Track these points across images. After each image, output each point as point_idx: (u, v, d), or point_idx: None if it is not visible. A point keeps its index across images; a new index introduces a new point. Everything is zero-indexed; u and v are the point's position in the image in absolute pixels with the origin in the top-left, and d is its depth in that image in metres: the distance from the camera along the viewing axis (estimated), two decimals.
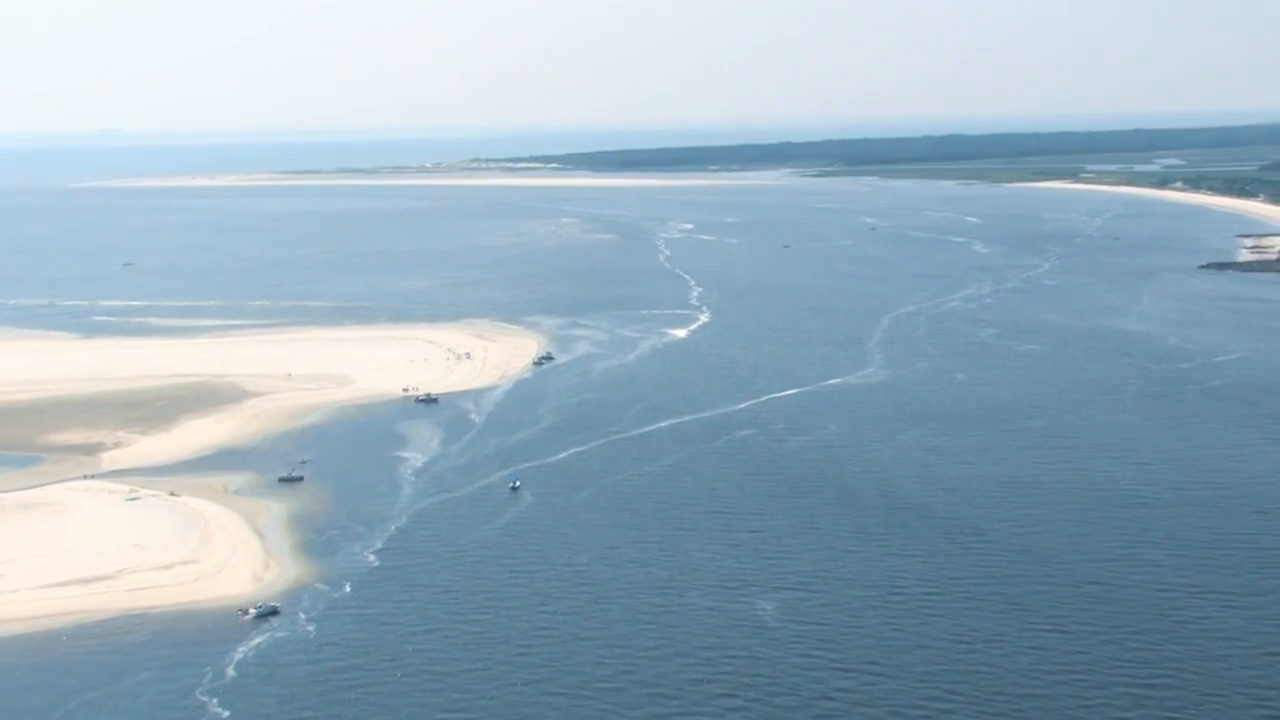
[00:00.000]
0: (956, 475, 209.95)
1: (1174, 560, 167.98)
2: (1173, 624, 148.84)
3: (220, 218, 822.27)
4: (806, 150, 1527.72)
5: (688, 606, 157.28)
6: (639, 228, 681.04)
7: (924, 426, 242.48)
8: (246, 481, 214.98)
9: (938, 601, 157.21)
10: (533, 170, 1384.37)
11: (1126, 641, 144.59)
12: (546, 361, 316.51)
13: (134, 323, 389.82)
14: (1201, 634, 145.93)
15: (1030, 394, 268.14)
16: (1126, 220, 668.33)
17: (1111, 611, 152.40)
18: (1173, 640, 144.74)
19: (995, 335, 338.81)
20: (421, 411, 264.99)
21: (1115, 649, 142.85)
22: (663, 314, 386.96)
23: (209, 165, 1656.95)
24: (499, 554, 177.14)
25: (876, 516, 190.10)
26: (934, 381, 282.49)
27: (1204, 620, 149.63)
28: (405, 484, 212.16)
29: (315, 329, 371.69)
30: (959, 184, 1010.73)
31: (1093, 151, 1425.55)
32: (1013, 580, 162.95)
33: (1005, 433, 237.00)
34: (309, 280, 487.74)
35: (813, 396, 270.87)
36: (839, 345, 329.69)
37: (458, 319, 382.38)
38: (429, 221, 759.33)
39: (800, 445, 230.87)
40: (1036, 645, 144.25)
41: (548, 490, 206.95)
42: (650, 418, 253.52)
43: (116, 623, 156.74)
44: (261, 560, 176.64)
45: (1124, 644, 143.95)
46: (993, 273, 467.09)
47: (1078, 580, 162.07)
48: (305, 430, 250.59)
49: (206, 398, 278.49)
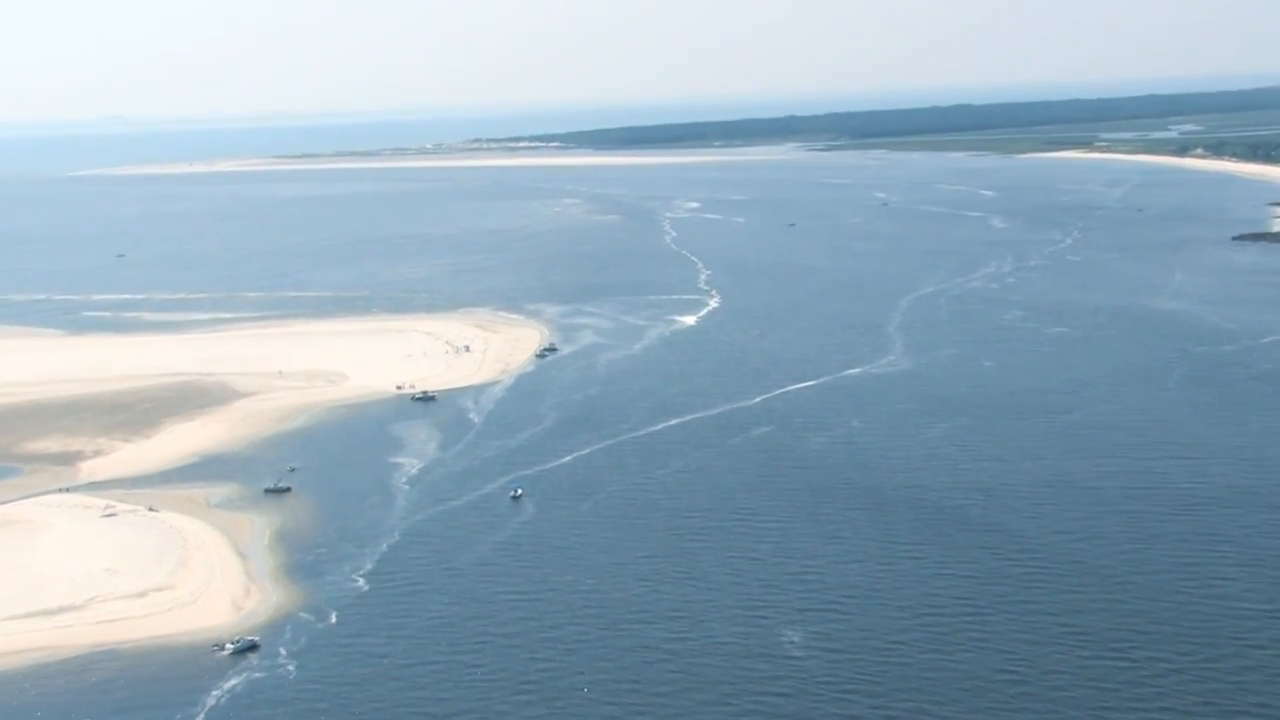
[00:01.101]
0: (993, 476, 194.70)
1: (1245, 574, 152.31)
2: (1249, 649, 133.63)
3: (217, 205, 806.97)
4: (812, 124, 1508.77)
5: (705, 638, 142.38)
6: (643, 207, 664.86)
7: (953, 420, 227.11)
8: (230, 494, 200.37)
9: (983, 626, 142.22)
10: (535, 150, 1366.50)
11: (1197, 670, 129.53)
12: (549, 353, 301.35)
13: (124, 318, 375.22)
14: None
15: (1065, 382, 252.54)
16: (1148, 190, 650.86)
17: (1180, 636, 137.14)
18: (1252, 668, 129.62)
19: (1021, 317, 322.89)
20: (418, 411, 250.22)
21: (1187, 680, 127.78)
22: (670, 299, 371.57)
23: (208, 151, 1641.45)
24: (498, 576, 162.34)
25: (908, 525, 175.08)
26: (960, 369, 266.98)
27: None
28: (399, 494, 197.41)
29: (309, 322, 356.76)
30: (970, 155, 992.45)
31: (1106, 119, 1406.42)
32: (1066, 600, 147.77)
33: (1041, 426, 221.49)
34: (305, 269, 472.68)
35: (832, 388, 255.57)
36: (857, 331, 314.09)
37: (457, 308, 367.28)
38: (429, 205, 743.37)
39: (821, 444, 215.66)
40: (1097, 678, 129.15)
41: (551, 499, 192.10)
42: (659, 415, 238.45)
43: (81, 660, 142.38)
44: (242, 586, 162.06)
45: (1196, 674, 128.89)
46: (1013, 249, 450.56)
47: (1139, 599, 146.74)
48: (295, 434, 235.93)
49: (193, 399, 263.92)
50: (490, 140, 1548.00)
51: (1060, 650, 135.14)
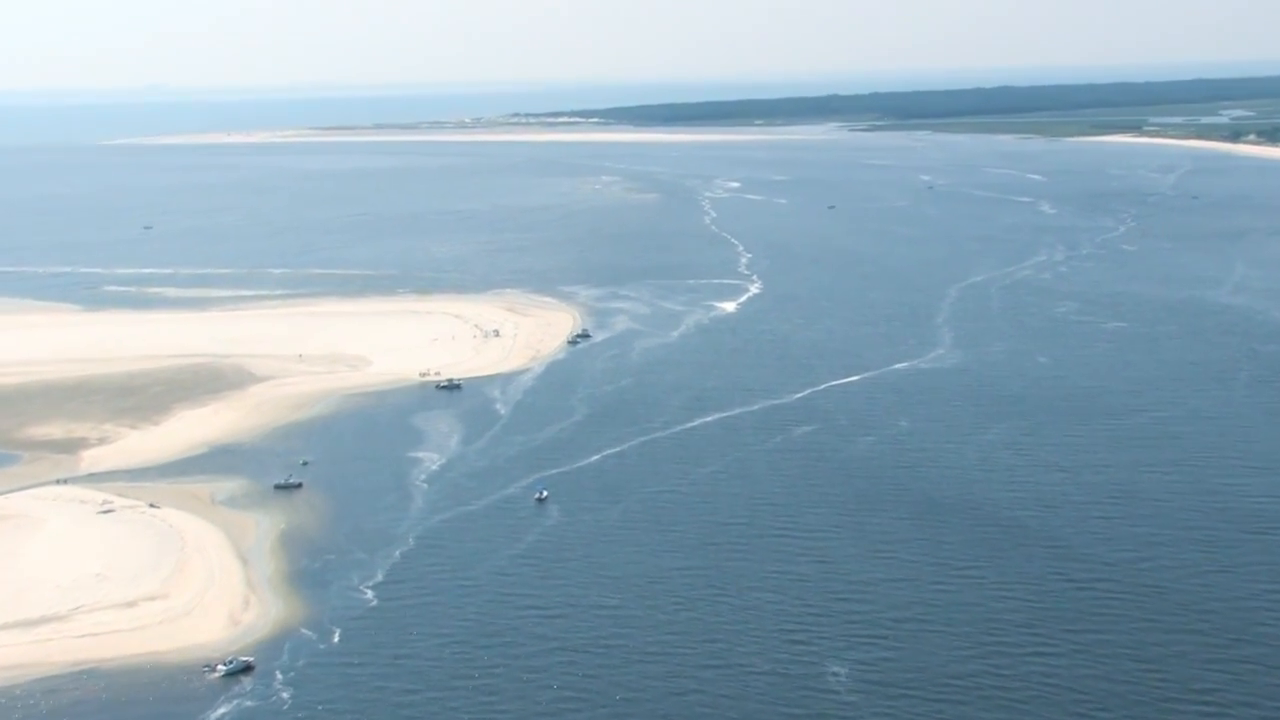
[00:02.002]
0: (1053, 487, 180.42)
1: None
2: None
3: (250, 176, 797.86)
4: (854, 103, 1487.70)
5: (741, 668, 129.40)
6: (683, 186, 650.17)
7: (1007, 422, 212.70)
8: (237, 489, 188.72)
9: (1050, 661, 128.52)
10: (574, 125, 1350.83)
11: None
12: (582, 340, 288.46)
13: (145, 294, 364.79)
14: None
15: (1126, 382, 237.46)
16: (1201, 177, 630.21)
17: (1273, 677, 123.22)
18: None
19: (1076, 310, 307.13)
20: (442, 400, 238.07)
21: None
22: (709, 284, 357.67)
23: (247, 121, 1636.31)
24: (517, 591, 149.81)
25: (962, 541, 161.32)
26: (1013, 366, 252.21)
27: None
28: (416, 493, 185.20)
29: (334, 301, 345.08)
30: (1016, 138, 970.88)
31: (1153, 103, 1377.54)
32: (1142, 632, 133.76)
33: (1102, 430, 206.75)
34: (334, 245, 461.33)
35: (878, 384, 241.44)
36: (903, 321, 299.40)
37: (488, 289, 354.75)
38: (465, 180, 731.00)
39: (868, 447, 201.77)
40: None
41: (577, 503, 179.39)
42: (696, 409, 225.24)
43: (56, 681, 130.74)
44: (241, 596, 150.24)
45: None
46: (1064, 236, 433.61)
47: (1224, 633, 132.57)
48: (310, 423, 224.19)
49: (207, 382, 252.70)
50: (529, 115, 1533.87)
51: (1140, 690, 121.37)
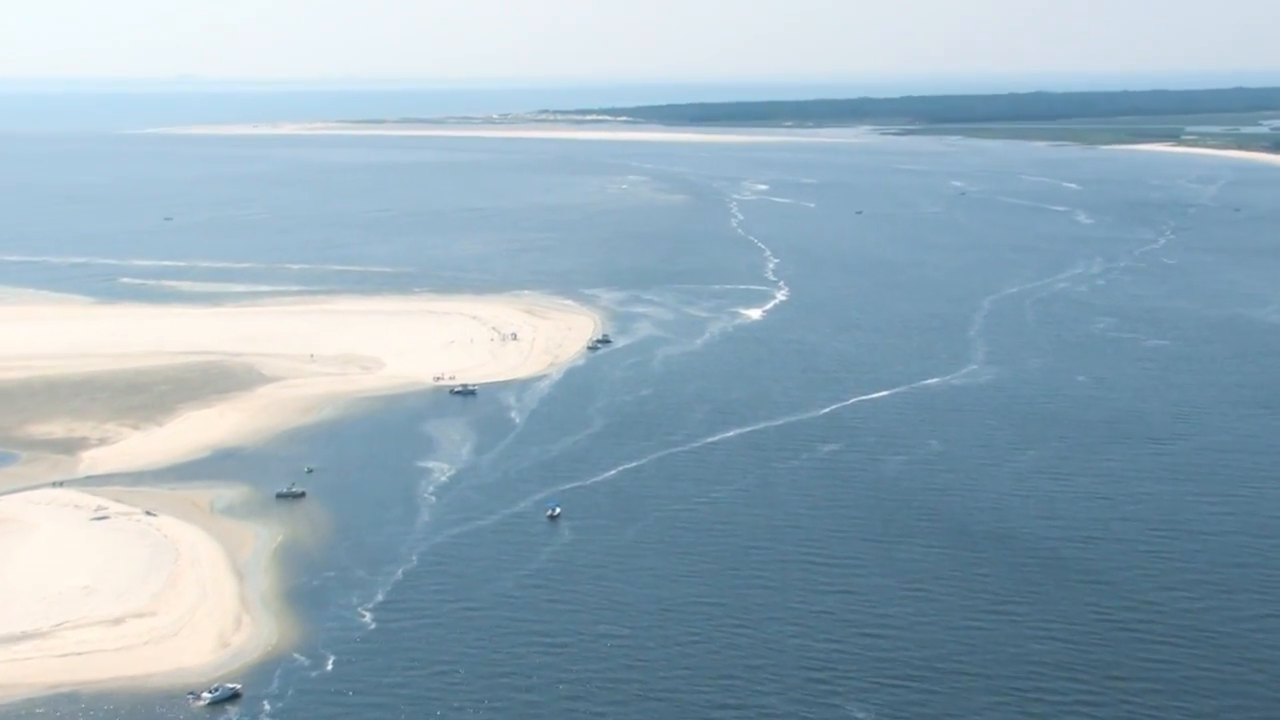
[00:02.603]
0: (1094, 517, 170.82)
1: None
2: None
3: (275, 168, 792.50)
4: (886, 107, 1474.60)
5: (759, 710, 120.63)
6: (710, 188, 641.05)
7: (1044, 446, 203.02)
8: (238, 497, 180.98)
9: (1093, 712, 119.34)
10: (602, 123, 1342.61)
11: None
12: (602, 345, 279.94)
13: (160, 287, 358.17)
14: None
15: (1169, 404, 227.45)
16: (1244, 189, 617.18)
17: None
18: None
19: (1115, 326, 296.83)
20: (455, 406, 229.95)
21: None
22: (735, 289, 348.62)
23: (276, 112, 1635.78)
24: (523, 617, 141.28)
25: (997, 574, 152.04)
26: (1050, 384, 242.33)
27: None
28: (424, 506, 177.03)
29: (351, 299, 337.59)
30: (1050, 145, 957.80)
31: (1190, 112, 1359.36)
32: (1192, 681, 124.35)
33: (1146, 457, 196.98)
34: (356, 240, 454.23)
35: (908, 400, 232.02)
36: (935, 334, 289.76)
37: (508, 290, 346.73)
38: (490, 177, 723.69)
39: (897, 469, 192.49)
40: None
41: (591, 522, 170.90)
42: (718, 423, 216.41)
43: (31, 704, 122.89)
44: (233, 615, 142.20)
45: None
46: (1101, 248, 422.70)
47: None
48: (319, 428, 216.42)
49: (216, 382, 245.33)
50: (558, 112, 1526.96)
51: None
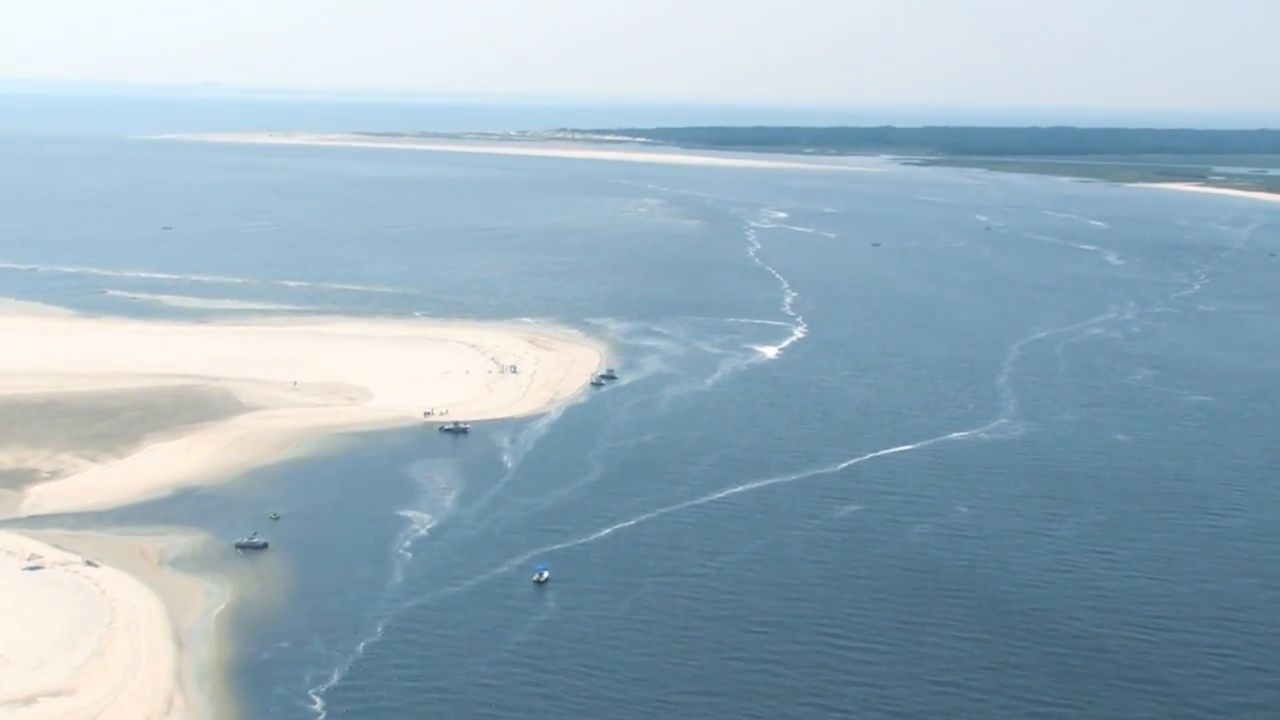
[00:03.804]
0: (1144, 603, 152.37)
1: None
2: None
3: (286, 179, 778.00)
4: (908, 136, 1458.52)
5: None
6: (728, 214, 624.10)
7: (1085, 514, 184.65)
8: (193, 546, 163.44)
9: None
10: (620, 144, 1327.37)
11: None
12: (607, 381, 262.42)
13: (146, 301, 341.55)
14: None
15: (1219, 469, 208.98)
16: (1277, 233, 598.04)
17: None
18: None
19: (1154, 378, 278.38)
20: (444, 446, 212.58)
21: None
22: (750, 324, 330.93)
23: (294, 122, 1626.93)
24: (498, 707, 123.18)
25: (1038, 670, 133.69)
26: (1087, 444, 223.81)
27: None
28: (397, 565, 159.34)
29: (345, 321, 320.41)
30: (1076, 181, 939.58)
31: (1215, 152, 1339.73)
32: None
33: (1200, 531, 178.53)
34: (357, 258, 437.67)
35: (933, 457, 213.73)
36: (961, 381, 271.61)
37: (510, 317, 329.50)
38: (502, 194, 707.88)
39: (923, 538, 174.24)
40: None
41: (583, 588, 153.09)
42: (727, 476, 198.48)
43: None
44: (164, 695, 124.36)
45: None
46: (1134, 291, 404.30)
47: None
48: (292, 467, 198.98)
49: (188, 409, 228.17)
50: (575, 130, 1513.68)
51: None
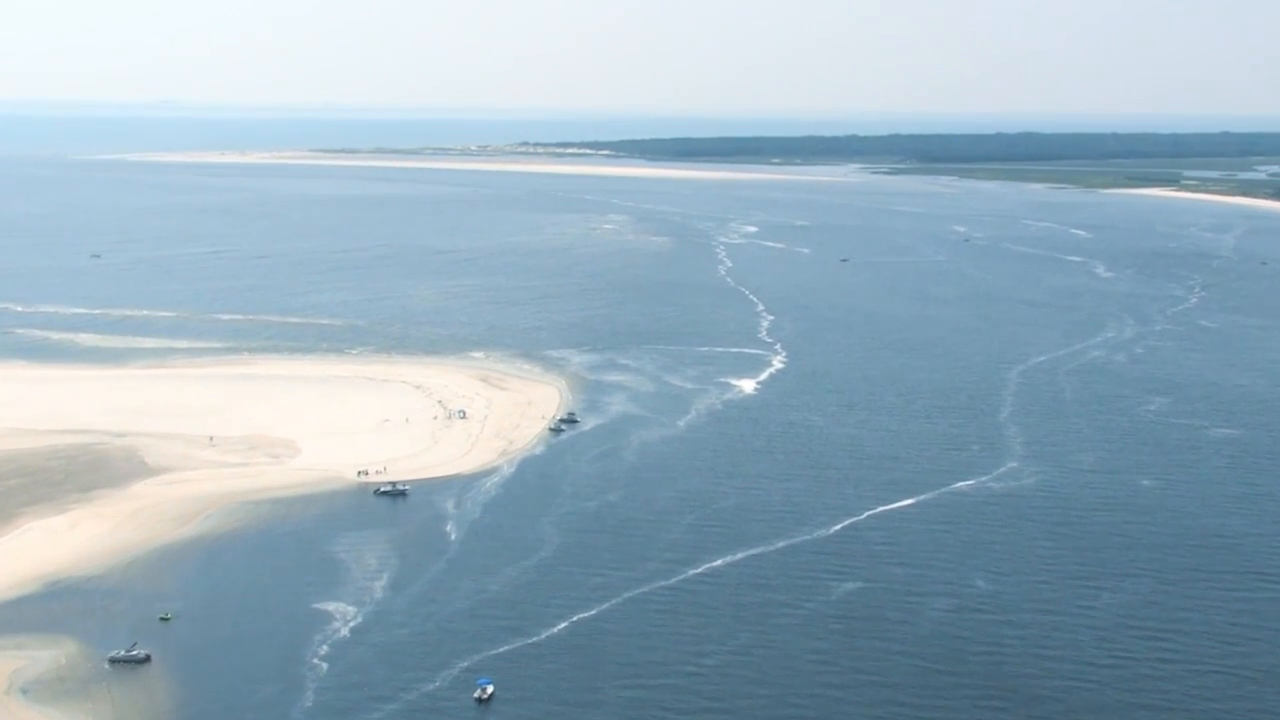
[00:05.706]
0: (1201, 696, 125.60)
1: None
2: None
3: (234, 199, 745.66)
4: (874, 144, 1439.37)
5: None
6: (696, 229, 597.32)
7: (1123, 585, 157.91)
8: (56, 663, 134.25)
9: None
10: (584, 157, 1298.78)
11: None
12: (567, 426, 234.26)
13: (59, 341, 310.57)
14: None
15: (1264, 521, 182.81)
16: (1262, 238, 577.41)
17: None
18: None
19: (1170, 408, 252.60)
20: (379, 513, 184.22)
21: None
22: (724, 353, 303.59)
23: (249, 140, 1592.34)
24: None
25: None
26: (1111, 491, 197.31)
27: None
28: (308, 681, 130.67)
29: (277, 360, 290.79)
30: (1049, 188, 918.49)
31: (1180, 155, 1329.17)
32: None
33: (1260, 604, 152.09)
34: (303, 286, 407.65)
35: (938, 513, 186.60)
36: (959, 416, 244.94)
37: (462, 351, 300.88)
38: (461, 213, 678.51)
39: (936, 622, 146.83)
40: None
41: (533, 706, 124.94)
42: (704, 545, 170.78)
43: None
44: None
45: None
46: (1129, 306, 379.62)
47: None
48: (196, 545, 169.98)
49: (81, 475, 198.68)
50: (537, 144, 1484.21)
51: None
